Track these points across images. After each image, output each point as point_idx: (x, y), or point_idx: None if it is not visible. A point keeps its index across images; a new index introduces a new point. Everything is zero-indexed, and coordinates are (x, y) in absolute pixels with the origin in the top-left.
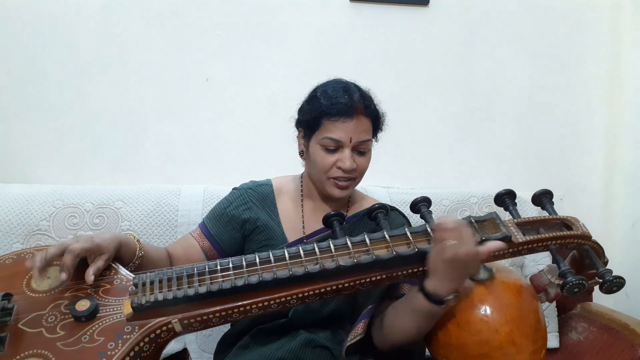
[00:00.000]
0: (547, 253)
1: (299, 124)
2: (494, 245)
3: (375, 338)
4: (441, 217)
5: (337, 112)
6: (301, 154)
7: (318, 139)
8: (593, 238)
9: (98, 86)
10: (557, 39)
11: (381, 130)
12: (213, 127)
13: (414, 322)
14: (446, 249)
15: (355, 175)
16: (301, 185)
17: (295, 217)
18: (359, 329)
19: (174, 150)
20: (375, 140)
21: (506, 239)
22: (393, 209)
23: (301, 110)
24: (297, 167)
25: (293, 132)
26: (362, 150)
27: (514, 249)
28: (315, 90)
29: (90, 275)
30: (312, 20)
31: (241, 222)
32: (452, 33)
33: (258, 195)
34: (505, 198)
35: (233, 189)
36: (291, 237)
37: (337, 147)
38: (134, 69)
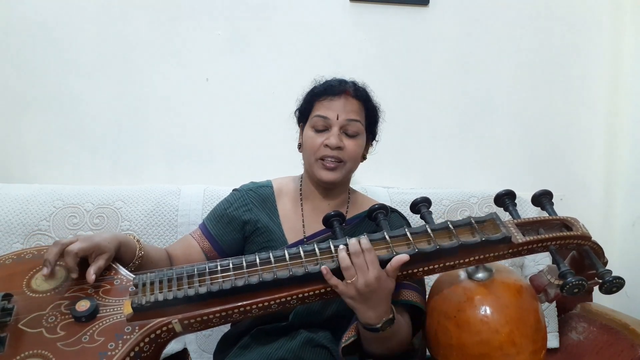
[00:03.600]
0: (547, 253)
1: (298, 117)
2: (397, 260)
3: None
4: (340, 250)
5: (324, 91)
6: (299, 147)
7: (310, 120)
8: (593, 239)
9: (98, 86)
10: (557, 38)
11: (375, 128)
12: (213, 127)
13: (378, 345)
14: (347, 287)
15: (343, 157)
16: (300, 186)
17: (295, 219)
18: (352, 331)
19: (174, 150)
20: (374, 139)
21: (506, 239)
22: (393, 210)
23: (300, 103)
24: (298, 167)
25: (296, 132)
26: (350, 132)
27: (514, 250)
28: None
29: (91, 274)
30: (312, 20)
31: (242, 224)
32: (452, 33)
33: (258, 197)
34: (505, 198)
35: (233, 190)
36: (291, 238)
37: (325, 126)
38: (134, 69)
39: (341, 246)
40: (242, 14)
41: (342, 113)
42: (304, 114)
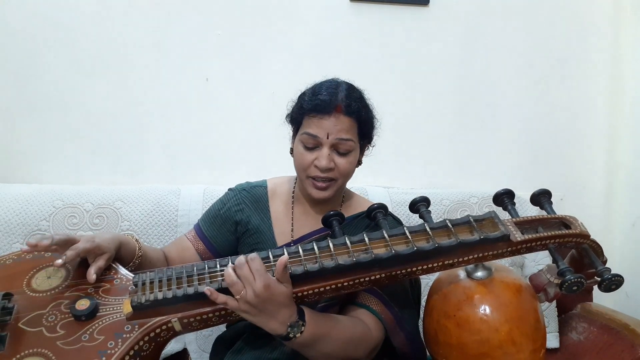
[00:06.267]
0: (547, 254)
1: (289, 121)
2: (280, 263)
3: None
4: (227, 267)
5: (314, 108)
6: (291, 151)
7: (299, 135)
8: (591, 237)
9: (98, 86)
10: (557, 38)
11: (371, 135)
12: (213, 127)
13: (314, 352)
14: (239, 302)
15: (335, 176)
16: (294, 188)
17: (286, 221)
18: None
19: (174, 150)
20: (370, 145)
21: (504, 237)
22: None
23: (291, 108)
24: None
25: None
26: (342, 150)
27: (513, 248)
28: (305, 89)
29: (92, 274)
30: (312, 20)
31: (234, 224)
32: (452, 33)
33: (251, 197)
34: (504, 198)
35: (228, 189)
36: (281, 241)
37: (315, 144)
38: (134, 69)
39: (230, 264)
40: (242, 14)
41: (332, 132)
42: (295, 124)
